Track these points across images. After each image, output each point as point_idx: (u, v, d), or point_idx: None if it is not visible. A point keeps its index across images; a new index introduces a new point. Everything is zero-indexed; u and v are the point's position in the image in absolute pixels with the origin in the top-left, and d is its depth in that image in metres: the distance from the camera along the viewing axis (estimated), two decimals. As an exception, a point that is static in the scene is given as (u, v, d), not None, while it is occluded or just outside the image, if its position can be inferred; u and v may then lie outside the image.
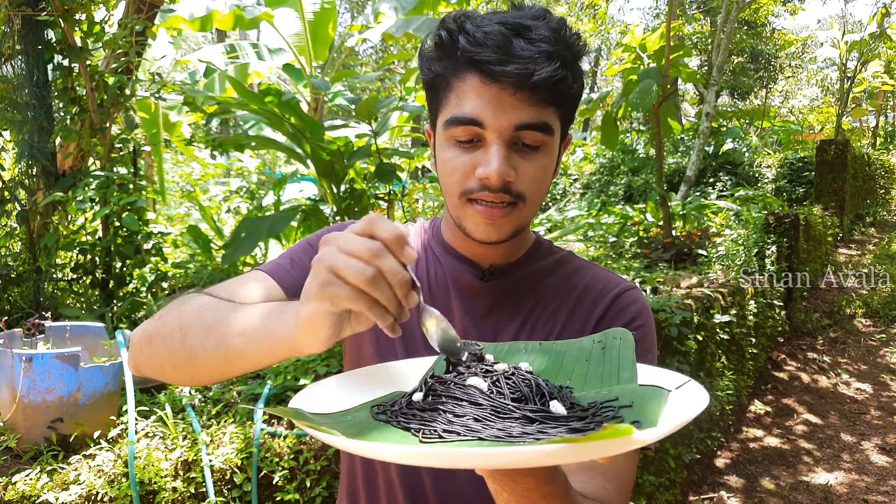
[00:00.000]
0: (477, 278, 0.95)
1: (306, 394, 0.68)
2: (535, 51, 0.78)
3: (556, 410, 0.58)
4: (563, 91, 0.83)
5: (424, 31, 5.33)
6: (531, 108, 0.81)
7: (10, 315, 3.09)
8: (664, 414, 0.59)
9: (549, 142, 0.85)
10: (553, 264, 0.99)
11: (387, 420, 0.62)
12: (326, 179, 4.59)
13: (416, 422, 0.59)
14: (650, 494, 3.17)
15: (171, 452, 2.08)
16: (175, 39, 7.61)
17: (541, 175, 0.86)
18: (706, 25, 15.99)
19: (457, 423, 0.57)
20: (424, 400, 0.63)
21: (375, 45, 18.07)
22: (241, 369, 0.73)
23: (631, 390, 0.65)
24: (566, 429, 0.55)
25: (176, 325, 0.77)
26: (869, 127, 17.65)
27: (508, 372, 0.63)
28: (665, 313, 3.48)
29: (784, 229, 6.06)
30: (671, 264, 5.51)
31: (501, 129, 0.81)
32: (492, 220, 0.85)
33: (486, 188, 0.83)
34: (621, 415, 0.60)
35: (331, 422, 0.61)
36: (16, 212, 3.34)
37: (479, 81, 0.81)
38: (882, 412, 4.82)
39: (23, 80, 3.36)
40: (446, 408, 0.59)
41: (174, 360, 0.77)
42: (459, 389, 0.61)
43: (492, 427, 0.56)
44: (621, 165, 11.72)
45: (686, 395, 0.62)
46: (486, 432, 0.55)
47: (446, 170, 0.86)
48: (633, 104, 6.29)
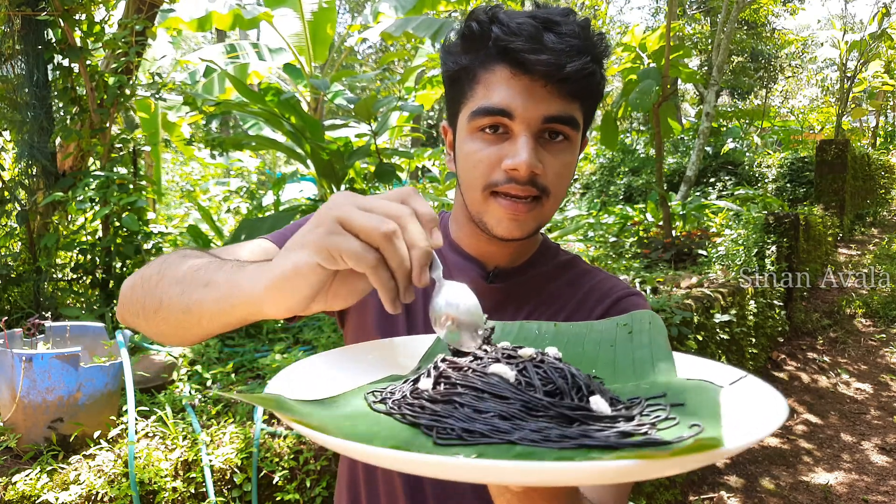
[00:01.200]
0: (481, 279, 0.93)
1: (287, 375, 0.56)
2: (565, 44, 0.78)
3: (599, 408, 0.49)
4: (591, 86, 0.83)
5: (424, 31, 5.33)
6: (560, 101, 0.81)
7: (10, 315, 3.09)
8: (727, 416, 0.49)
9: (574, 137, 0.85)
10: (559, 268, 0.98)
11: (387, 412, 0.51)
12: (326, 179, 4.59)
13: (427, 417, 0.48)
14: (650, 494, 3.17)
15: (171, 452, 2.08)
16: (175, 39, 7.61)
17: (565, 171, 0.85)
18: (706, 25, 15.99)
19: (479, 421, 0.46)
20: (435, 389, 0.52)
21: (375, 44, 18.08)
22: (198, 325, 0.66)
23: (677, 385, 0.55)
24: (615, 433, 0.45)
25: (157, 270, 0.73)
26: (869, 127, 17.65)
27: (536, 359, 0.53)
28: (665, 313, 3.48)
29: (784, 229, 6.06)
30: (671, 264, 5.51)
31: (530, 120, 0.80)
32: (515, 216, 0.83)
33: (513, 180, 0.81)
34: (674, 415, 0.50)
35: (319, 411, 0.50)
36: (16, 212, 3.34)
37: (509, 72, 0.80)
38: (882, 412, 4.82)
39: (23, 80, 3.36)
40: (464, 400, 0.49)
41: (145, 308, 0.72)
42: (480, 378, 0.50)
43: (523, 428, 0.45)
44: (621, 165, 11.72)
45: (747, 393, 0.53)
46: (517, 434, 0.45)
47: (470, 162, 0.84)
48: (633, 104, 6.29)
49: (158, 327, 0.72)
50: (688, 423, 0.48)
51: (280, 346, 2.94)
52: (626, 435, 0.45)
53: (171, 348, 2.75)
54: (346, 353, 0.65)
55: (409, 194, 0.56)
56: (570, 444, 0.44)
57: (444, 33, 5.27)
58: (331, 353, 0.64)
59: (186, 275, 0.68)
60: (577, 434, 0.45)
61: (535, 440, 0.44)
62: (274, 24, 6.28)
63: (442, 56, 0.89)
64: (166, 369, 2.71)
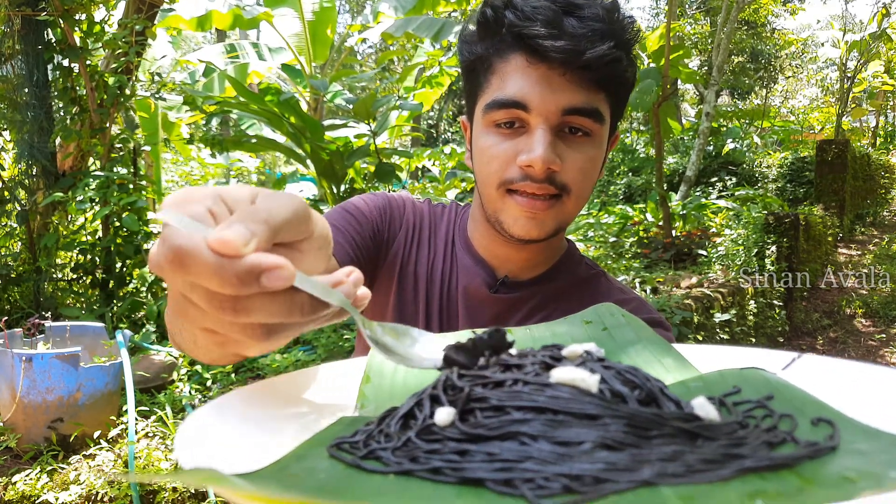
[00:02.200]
0: (485, 286, 0.87)
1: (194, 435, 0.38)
2: (587, 29, 0.72)
3: (708, 415, 0.36)
4: (617, 74, 0.76)
5: (425, 31, 5.33)
6: (581, 91, 0.74)
7: (10, 315, 3.09)
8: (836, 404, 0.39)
9: (599, 131, 0.77)
10: (576, 284, 0.90)
11: (400, 470, 0.33)
12: (326, 179, 4.59)
13: (484, 465, 0.32)
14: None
15: (171, 452, 2.08)
16: (175, 39, 7.61)
17: (589, 167, 0.78)
18: (706, 25, 15.99)
19: (580, 459, 0.31)
20: (465, 421, 0.35)
21: (375, 44, 18.08)
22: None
23: (733, 376, 0.44)
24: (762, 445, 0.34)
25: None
26: (869, 127, 17.65)
27: (593, 356, 0.39)
28: (665, 313, 3.49)
29: (784, 229, 6.07)
30: (671, 264, 5.51)
31: (548, 112, 0.74)
32: (533, 214, 0.76)
33: (529, 177, 0.75)
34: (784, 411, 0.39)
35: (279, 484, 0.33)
36: (16, 212, 3.34)
37: (524, 61, 0.74)
38: (882, 412, 4.82)
39: (23, 80, 3.37)
40: (534, 430, 0.33)
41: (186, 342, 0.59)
42: (544, 392, 0.35)
43: (648, 458, 0.31)
44: (621, 165, 11.72)
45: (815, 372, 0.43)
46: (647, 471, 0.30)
47: (484, 158, 0.78)
48: (633, 104, 6.29)
49: (208, 356, 0.60)
50: (810, 421, 0.37)
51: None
52: (774, 445, 0.34)
53: (171, 349, 2.75)
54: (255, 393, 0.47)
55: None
56: (728, 471, 0.31)
57: (444, 34, 5.27)
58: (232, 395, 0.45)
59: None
60: (722, 456, 0.32)
61: (677, 473, 0.30)
62: (274, 24, 6.28)
63: (459, 46, 0.84)
64: (166, 369, 2.71)
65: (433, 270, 0.91)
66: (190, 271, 0.33)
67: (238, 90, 4.58)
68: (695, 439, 0.34)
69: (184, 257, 0.33)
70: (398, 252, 0.91)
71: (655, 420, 0.34)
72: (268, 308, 0.36)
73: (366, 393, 0.47)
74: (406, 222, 0.93)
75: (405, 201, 0.96)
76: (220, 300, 0.34)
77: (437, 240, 0.93)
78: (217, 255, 0.33)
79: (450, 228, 0.94)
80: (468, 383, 0.37)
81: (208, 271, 0.33)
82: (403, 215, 0.94)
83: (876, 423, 0.37)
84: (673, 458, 0.31)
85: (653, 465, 0.31)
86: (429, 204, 0.97)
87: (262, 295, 0.35)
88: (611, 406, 0.34)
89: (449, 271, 0.90)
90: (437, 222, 0.95)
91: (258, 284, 0.33)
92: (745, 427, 0.36)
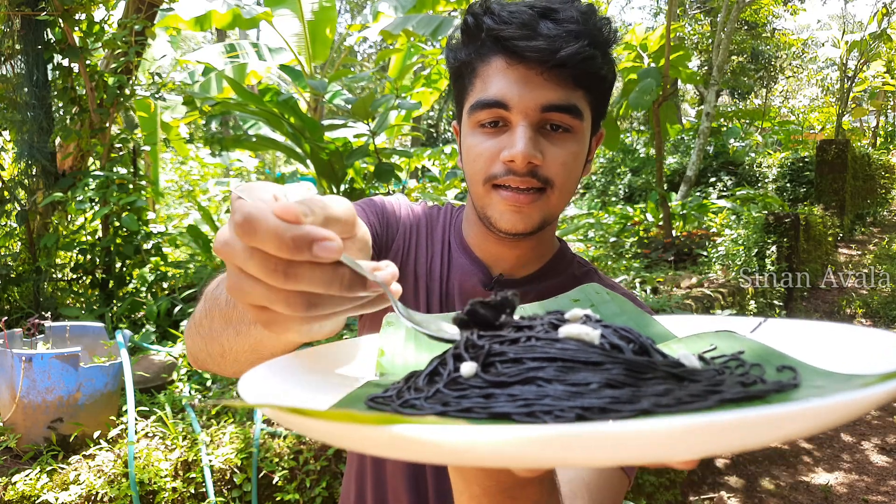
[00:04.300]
0: (481, 285, 0.90)
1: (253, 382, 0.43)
2: (562, 30, 0.76)
3: (692, 363, 0.42)
4: (593, 71, 0.79)
5: (423, 29, 5.33)
6: (559, 89, 0.78)
7: (10, 315, 3.09)
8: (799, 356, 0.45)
9: (579, 126, 0.81)
10: (571, 281, 0.92)
11: (436, 412, 0.38)
12: (326, 179, 4.59)
13: (508, 403, 0.37)
14: (650, 494, 3.17)
15: (171, 452, 2.08)
16: (174, 39, 7.60)
17: (570, 161, 0.81)
18: (706, 25, 15.99)
19: (589, 395, 0.36)
20: (488, 371, 0.40)
21: (375, 43, 18.08)
22: (272, 354, 0.58)
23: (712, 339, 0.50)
24: (738, 384, 0.40)
25: (205, 314, 0.65)
26: (869, 127, 17.66)
27: (594, 318, 0.45)
28: (665, 314, 3.48)
29: (784, 229, 6.07)
30: (672, 264, 5.52)
31: (527, 109, 0.78)
32: (518, 208, 0.80)
33: (512, 172, 0.79)
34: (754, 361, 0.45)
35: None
36: (16, 212, 3.34)
37: (504, 63, 0.79)
38: (882, 412, 4.82)
39: (22, 80, 3.36)
40: (549, 374, 0.38)
41: (212, 356, 0.66)
42: (554, 346, 0.40)
43: (646, 394, 0.37)
44: (621, 165, 11.72)
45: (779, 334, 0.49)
46: (644, 402, 0.36)
47: (471, 156, 0.83)
48: (633, 104, 6.29)
49: (235, 367, 0.65)
50: (775, 369, 0.43)
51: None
52: (747, 385, 0.40)
53: (171, 349, 2.75)
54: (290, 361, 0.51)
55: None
56: (711, 402, 0.37)
57: (443, 30, 5.27)
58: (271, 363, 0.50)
59: (231, 311, 0.61)
60: (704, 392, 0.38)
61: (669, 405, 0.36)
62: (274, 24, 6.28)
63: (446, 54, 0.89)
64: (166, 369, 2.71)
65: (431, 270, 0.94)
66: (256, 233, 0.38)
67: (236, 90, 4.58)
68: (681, 381, 0.40)
69: (253, 221, 0.38)
70: (397, 253, 0.94)
71: (648, 366, 0.40)
72: (314, 276, 0.40)
73: (383, 363, 0.53)
74: (403, 225, 0.96)
75: (401, 204, 0.98)
76: (275, 264, 0.39)
77: (434, 240, 0.96)
78: (280, 219, 0.38)
79: (446, 229, 0.97)
80: (488, 341, 0.42)
81: (270, 233, 0.38)
82: (400, 218, 0.96)
83: (830, 367, 0.43)
84: (665, 394, 0.37)
85: (649, 399, 0.37)
86: (424, 206, 1.01)
87: (311, 265, 0.40)
88: (611, 355, 0.40)
89: (447, 271, 0.93)
90: (434, 224, 0.98)
91: (310, 252, 0.38)
92: (722, 373, 0.42)
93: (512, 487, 0.50)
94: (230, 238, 0.40)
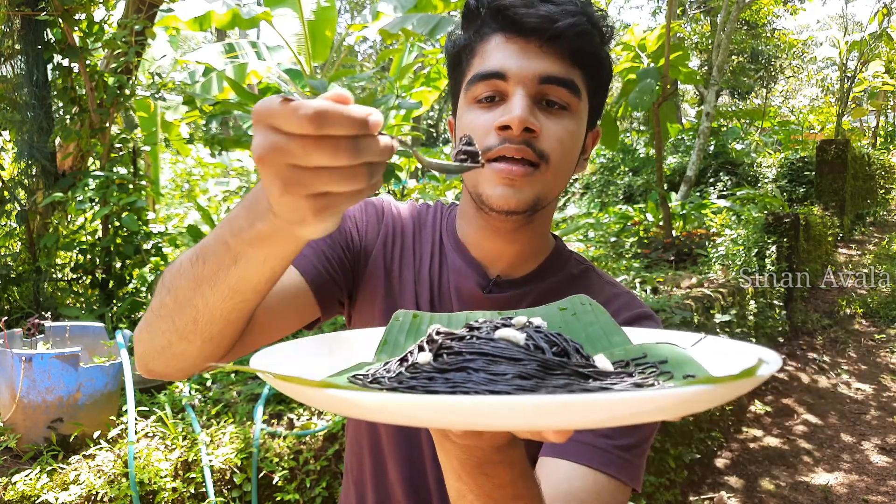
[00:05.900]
0: (479, 287, 0.87)
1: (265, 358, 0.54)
2: (559, 9, 0.78)
3: (603, 366, 0.50)
4: (589, 50, 0.80)
5: (422, 27, 5.32)
6: (557, 62, 0.79)
7: (10, 315, 3.09)
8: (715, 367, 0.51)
9: (577, 105, 0.81)
10: (567, 281, 0.91)
11: (391, 388, 0.48)
12: (326, 179, 4.58)
13: (443, 386, 0.46)
14: (650, 494, 3.17)
15: (171, 452, 2.08)
16: (174, 39, 7.60)
17: (567, 138, 0.80)
18: (706, 25, 15.99)
19: (501, 383, 0.45)
20: (438, 360, 0.50)
21: (376, 43, 18.07)
22: (255, 296, 0.63)
23: (649, 348, 0.57)
24: (630, 385, 0.47)
25: (164, 292, 0.66)
26: (869, 127, 17.67)
27: (533, 325, 0.54)
28: (665, 313, 3.48)
29: (784, 229, 6.07)
30: (671, 264, 5.52)
31: (525, 79, 0.78)
32: (511, 181, 0.78)
33: (507, 140, 0.77)
34: (669, 370, 0.52)
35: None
36: (16, 212, 3.34)
37: (503, 38, 0.80)
38: (882, 412, 4.82)
39: (22, 80, 3.36)
40: (477, 366, 0.47)
41: (179, 328, 0.66)
42: (489, 344, 0.50)
43: (547, 385, 0.45)
44: (621, 165, 11.72)
45: (714, 349, 0.55)
46: (542, 392, 0.44)
47: (466, 132, 0.81)
48: (633, 104, 6.29)
49: (209, 329, 0.66)
50: (681, 376, 0.50)
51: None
52: (640, 386, 0.47)
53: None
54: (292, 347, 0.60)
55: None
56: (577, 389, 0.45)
57: (441, 29, 5.26)
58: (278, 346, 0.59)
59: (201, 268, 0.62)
60: (598, 388, 0.46)
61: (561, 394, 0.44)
62: (273, 24, 6.27)
63: (445, 45, 0.89)
64: (166, 369, 2.71)
65: (420, 273, 0.91)
66: (327, 120, 0.44)
67: (235, 90, 4.58)
68: (587, 379, 0.48)
69: (323, 112, 0.44)
70: (378, 257, 0.91)
71: (560, 364, 0.48)
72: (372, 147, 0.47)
73: (383, 350, 0.63)
74: (385, 226, 0.93)
75: (383, 205, 0.96)
76: (346, 143, 0.45)
77: (423, 241, 0.93)
78: (338, 102, 0.45)
79: (436, 228, 0.94)
80: (442, 338, 0.52)
81: (341, 117, 0.45)
82: (382, 220, 0.94)
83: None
84: (563, 387, 0.45)
85: (548, 389, 0.45)
86: (412, 205, 0.97)
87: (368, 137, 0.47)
88: (531, 353, 0.49)
89: (438, 273, 0.91)
90: (422, 223, 0.95)
91: (368, 126, 0.46)
92: (631, 376, 0.49)
93: (483, 464, 0.56)
94: (277, 142, 0.46)
